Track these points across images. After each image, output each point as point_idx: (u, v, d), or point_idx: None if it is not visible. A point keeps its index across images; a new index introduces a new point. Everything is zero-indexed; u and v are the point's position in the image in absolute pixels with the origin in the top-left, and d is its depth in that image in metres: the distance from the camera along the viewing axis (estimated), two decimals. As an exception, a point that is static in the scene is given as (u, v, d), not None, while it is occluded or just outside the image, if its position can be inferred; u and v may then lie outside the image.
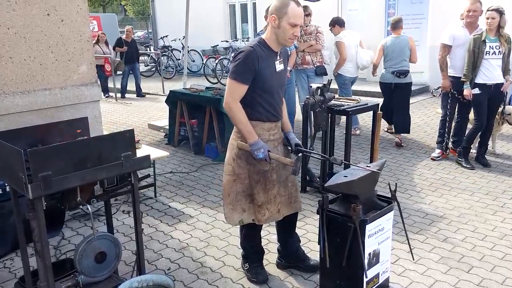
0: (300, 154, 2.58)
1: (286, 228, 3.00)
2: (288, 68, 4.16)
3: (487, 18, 4.64)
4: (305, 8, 6.06)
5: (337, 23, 6.43)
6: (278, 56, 2.67)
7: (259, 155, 2.56)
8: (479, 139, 5.15)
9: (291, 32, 2.52)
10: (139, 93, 10.92)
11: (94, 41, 10.66)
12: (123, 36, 11.14)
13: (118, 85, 10.80)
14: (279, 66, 2.68)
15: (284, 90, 2.87)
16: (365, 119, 7.09)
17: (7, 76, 3.51)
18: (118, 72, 10.92)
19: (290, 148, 2.81)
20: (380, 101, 7.83)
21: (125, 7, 38.13)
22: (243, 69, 2.53)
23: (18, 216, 2.45)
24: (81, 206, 2.37)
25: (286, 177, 2.80)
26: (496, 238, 3.45)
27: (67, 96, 3.83)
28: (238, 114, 2.56)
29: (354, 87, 9.69)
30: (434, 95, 8.95)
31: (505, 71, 4.82)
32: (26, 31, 3.54)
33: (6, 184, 3.17)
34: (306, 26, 6.18)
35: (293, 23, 2.50)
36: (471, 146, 5.17)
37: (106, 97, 10.80)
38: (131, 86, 11.06)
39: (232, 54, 12.20)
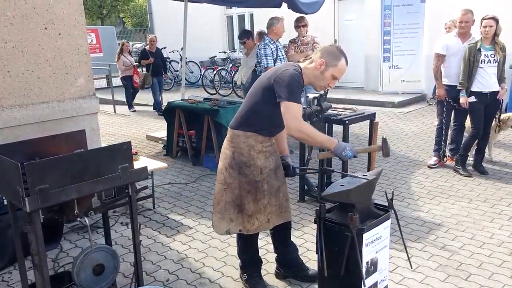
0: (384, 137, 2.61)
1: (280, 238, 3.01)
2: None
3: (484, 27, 4.68)
4: (302, 19, 6.13)
5: (251, 36, 6.55)
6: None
7: (348, 154, 2.54)
8: (476, 147, 5.18)
9: (329, 82, 2.62)
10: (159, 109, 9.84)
11: (117, 51, 10.13)
12: (147, 47, 10.04)
13: (117, 97, 10.77)
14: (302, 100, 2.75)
15: None
16: (362, 128, 7.12)
17: (5, 90, 3.53)
18: (146, 86, 10.02)
19: (287, 171, 2.90)
20: (378, 109, 7.92)
21: (123, 19, 38.44)
22: (298, 91, 2.55)
23: (16, 229, 2.46)
24: (79, 219, 2.38)
25: (277, 187, 2.81)
26: (494, 246, 3.46)
27: (65, 109, 3.85)
28: (312, 131, 2.56)
29: (352, 96, 9.83)
30: (430, 104, 9.02)
31: (500, 79, 4.85)
32: (23, 45, 3.57)
33: (4, 198, 3.17)
34: (303, 37, 6.24)
35: (336, 76, 2.61)
36: (468, 153, 5.20)
37: (132, 111, 10.23)
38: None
39: (230, 65, 12.28)
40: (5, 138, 3.46)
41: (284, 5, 6.26)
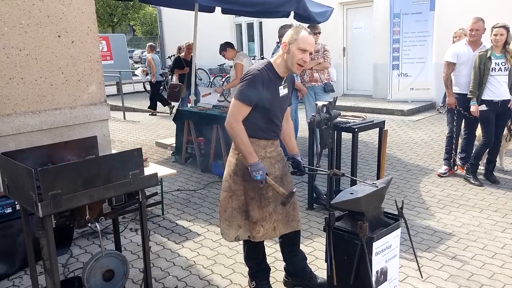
0: (294, 190, 2.66)
1: (288, 247, 2.99)
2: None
3: (495, 35, 4.67)
4: (315, 27, 6.16)
5: (229, 46, 6.52)
6: (283, 81, 2.73)
7: (257, 176, 2.59)
8: (487, 156, 5.13)
9: (299, 57, 2.57)
10: None
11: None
12: (181, 55, 9.24)
13: (126, 104, 10.84)
14: (283, 91, 2.73)
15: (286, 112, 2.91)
16: (371, 136, 7.09)
17: (19, 96, 3.58)
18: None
19: (296, 169, 2.88)
20: (387, 117, 7.90)
21: (133, 27, 38.84)
22: (248, 91, 2.57)
23: (28, 234, 2.48)
24: (89, 224, 2.40)
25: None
26: (506, 256, 3.41)
27: (77, 116, 3.90)
28: (240, 134, 2.58)
29: (361, 104, 9.81)
30: (440, 112, 8.96)
31: (511, 88, 4.82)
32: (37, 53, 3.63)
33: (17, 203, 3.21)
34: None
35: (302, 47, 2.55)
36: (479, 162, 5.15)
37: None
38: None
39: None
40: (18, 144, 3.50)
41: (290, 15, 6.31)
